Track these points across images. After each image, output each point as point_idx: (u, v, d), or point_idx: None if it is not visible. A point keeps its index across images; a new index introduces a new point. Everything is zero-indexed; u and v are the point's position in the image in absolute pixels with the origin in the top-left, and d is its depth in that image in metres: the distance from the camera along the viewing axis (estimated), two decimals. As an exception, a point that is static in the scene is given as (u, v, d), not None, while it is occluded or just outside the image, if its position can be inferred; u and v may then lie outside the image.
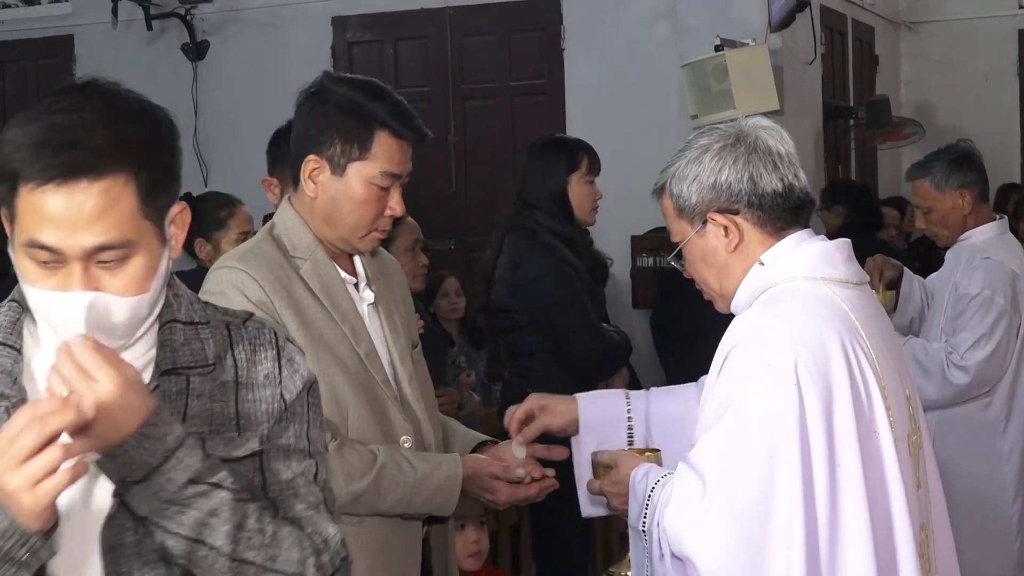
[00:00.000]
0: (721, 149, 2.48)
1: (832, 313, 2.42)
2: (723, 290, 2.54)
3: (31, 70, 9.93)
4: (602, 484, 2.61)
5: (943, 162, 4.59)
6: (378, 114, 2.67)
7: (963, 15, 10.38)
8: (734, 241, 2.48)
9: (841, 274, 2.49)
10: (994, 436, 4.54)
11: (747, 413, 2.31)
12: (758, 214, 2.47)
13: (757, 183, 2.46)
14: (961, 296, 4.50)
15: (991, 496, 4.52)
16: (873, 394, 2.39)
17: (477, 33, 8.77)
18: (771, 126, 2.54)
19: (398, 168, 2.69)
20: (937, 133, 9.21)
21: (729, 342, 2.41)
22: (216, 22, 9.24)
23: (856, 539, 2.31)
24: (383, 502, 2.61)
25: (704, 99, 7.26)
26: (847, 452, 2.32)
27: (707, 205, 2.48)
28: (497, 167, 8.72)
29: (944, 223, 4.62)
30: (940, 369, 4.47)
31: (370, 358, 2.68)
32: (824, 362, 2.34)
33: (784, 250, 2.48)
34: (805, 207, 2.52)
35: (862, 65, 9.68)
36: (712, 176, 2.47)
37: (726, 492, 2.29)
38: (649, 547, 2.42)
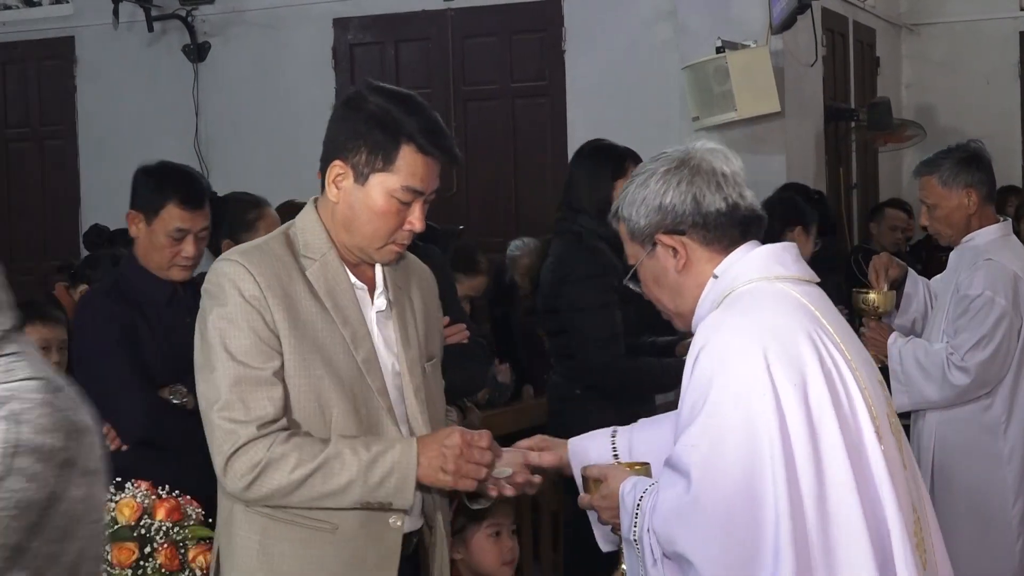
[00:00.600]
0: (665, 172, 2.57)
1: (793, 306, 2.50)
2: (678, 308, 2.62)
3: (32, 71, 9.94)
4: (592, 499, 2.65)
5: (952, 160, 4.59)
6: (407, 127, 2.65)
7: (964, 17, 10.37)
8: (681, 261, 2.56)
9: (793, 272, 2.57)
10: (995, 438, 4.54)
11: (722, 403, 2.37)
12: (703, 233, 2.55)
13: (700, 203, 2.54)
14: (962, 297, 4.50)
15: (992, 498, 4.52)
16: (846, 376, 2.45)
17: (478, 34, 8.77)
18: (717, 148, 2.62)
19: (421, 184, 2.67)
20: (938, 135, 9.20)
21: (697, 344, 2.46)
22: (217, 23, 9.24)
23: (847, 512, 2.35)
24: (331, 483, 2.57)
25: (705, 101, 7.26)
26: (827, 428, 2.38)
27: (654, 227, 2.57)
28: (498, 168, 8.73)
29: (947, 221, 4.62)
30: (941, 370, 4.47)
31: (368, 365, 2.68)
32: (793, 347, 2.41)
33: (734, 260, 2.56)
34: (753, 223, 2.59)
35: (863, 67, 9.67)
36: (657, 199, 2.55)
37: (711, 482, 2.33)
38: (642, 555, 2.46)
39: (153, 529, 2.83)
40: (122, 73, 9.38)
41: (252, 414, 2.57)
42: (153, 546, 2.82)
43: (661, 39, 8.12)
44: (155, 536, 2.83)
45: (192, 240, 3.78)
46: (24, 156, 9.98)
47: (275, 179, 7.32)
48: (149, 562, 2.80)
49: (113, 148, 9.44)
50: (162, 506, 2.85)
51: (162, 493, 2.89)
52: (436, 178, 2.71)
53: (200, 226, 3.81)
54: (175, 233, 3.74)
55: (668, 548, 2.39)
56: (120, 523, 2.82)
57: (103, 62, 9.53)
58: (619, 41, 8.30)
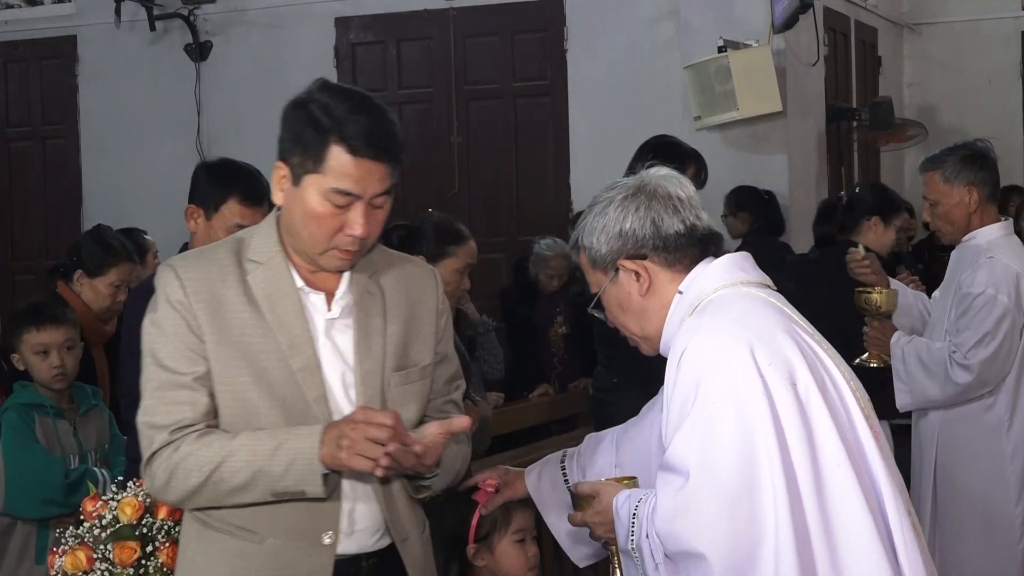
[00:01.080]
0: (623, 199, 2.61)
1: (766, 306, 2.55)
2: (644, 332, 2.66)
3: (34, 70, 9.94)
4: (584, 515, 2.66)
5: (956, 157, 4.60)
6: (339, 127, 2.50)
7: (966, 17, 10.37)
8: (645, 284, 2.60)
9: (753, 277, 2.62)
10: (998, 437, 4.54)
11: (712, 398, 2.39)
12: (664, 255, 2.60)
13: (659, 227, 2.59)
14: (964, 295, 4.50)
15: (995, 497, 4.52)
16: (829, 365, 2.51)
17: (480, 34, 8.77)
18: (671, 174, 2.67)
19: (353, 186, 2.50)
20: (940, 135, 9.20)
21: (678, 349, 2.49)
22: (219, 23, 9.25)
23: (843, 489, 2.38)
24: (238, 477, 2.49)
25: (707, 100, 7.26)
26: (819, 419, 2.42)
27: (616, 253, 2.61)
28: (500, 168, 8.73)
29: (948, 218, 4.62)
30: (943, 368, 4.47)
31: (305, 373, 2.56)
32: (775, 344, 2.46)
33: (696, 274, 2.60)
34: (711, 240, 2.64)
35: (865, 66, 9.67)
36: (617, 225, 2.60)
37: (709, 473, 2.36)
38: (642, 563, 2.48)
39: (155, 528, 2.83)
40: (124, 72, 9.38)
41: (169, 419, 2.51)
42: (155, 545, 2.82)
43: (663, 38, 8.12)
44: (157, 535, 2.83)
45: None
46: (26, 155, 9.99)
47: (277, 178, 7.32)
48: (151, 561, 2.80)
49: (115, 147, 9.45)
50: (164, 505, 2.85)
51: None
52: (377, 181, 2.52)
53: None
54: (234, 229, 3.63)
55: (671, 546, 2.39)
56: (122, 522, 2.83)
57: (105, 61, 9.53)
58: (621, 40, 8.30)
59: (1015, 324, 4.49)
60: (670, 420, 2.47)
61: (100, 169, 9.56)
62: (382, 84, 8.92)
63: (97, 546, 2.80)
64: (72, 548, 2.80)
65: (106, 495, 2.91)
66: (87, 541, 2.82)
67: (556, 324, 7.35)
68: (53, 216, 9.70)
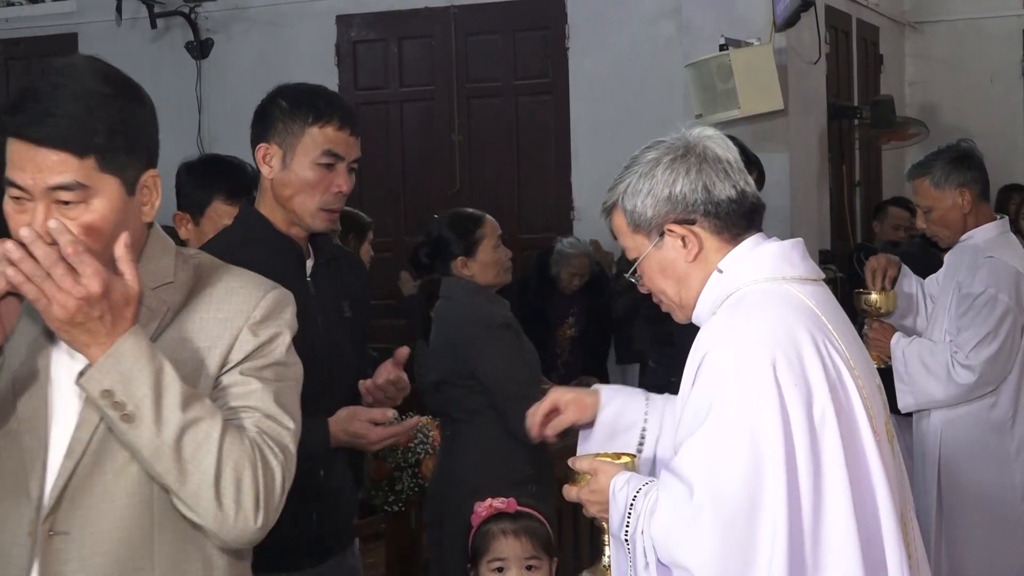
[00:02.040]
0: (672, 161, 2.51)
1: (799, 311, 2.46)
2: (682, 300, 2.57)
3: (35, 68, 9.93)
4: (579, 492, 2.58)
5: (943, 161, 4.60)
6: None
7: (968, 15, 10.36)
8: (693, 251, 2.51)
9: (799, 272, 2.52)
10: (1002, 435, 4.54)
11: (728, 416, 2.33)
12: (715, 222, 2.51)
13: (711, 191, 2.50)
14: (965, 295, 4.50)
15: (1000, 496, 4.52)
16: (848, 386, 2.42)
17: (481, 32, 8.77)
18: (715, 134, 2.58)
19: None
20: (941, 133, 9.19)
21: (701, 348, 2.42)
22: (220, 20, 9.25)
23: (841, 536, 2.33)
24: None
25: (708, 98, 7.26)
26: (830, 449, 2.35)
27: (663, 217, 2.51)
28: (501, 165, 8.73)
29: (944, 222, 4.62)
30: (945, 369, 4.47)
31: None
32: (799, 359, 2.37)
33: (741, 255, 2.51)
34: (758, 211, 2.56)
35: (866, 65, 9.67)
36: (666, 188, 2.50)
37: (712, 496, 2.30)
38: (633, 557, 2.43)
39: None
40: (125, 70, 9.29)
41: None
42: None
43: (665, 36, 8.12)
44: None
45: None
46: (27, 153, 9.99)
47: (278, 176, 7.33)
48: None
49: (116, 145, 9.45)
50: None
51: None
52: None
53: None
54: None
55: (663, 555, 2.36)
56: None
57: (106, 59, 9.49)
58: (622, 38, 8.30)
59: (1016, 323, 4.49)
60: (684, 420, 2.42)
61: (101, 167, 9.56)
62: (383, 82, 8.92)
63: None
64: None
65: None
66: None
67: (566, 325, 7.36)
68: (54, 214, 9.69)
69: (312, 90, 3.13)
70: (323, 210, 3.04)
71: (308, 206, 3.04)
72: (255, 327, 2.17)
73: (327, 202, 3.04)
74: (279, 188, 3.05)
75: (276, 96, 3.10)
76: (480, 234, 4.57)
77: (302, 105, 3.05)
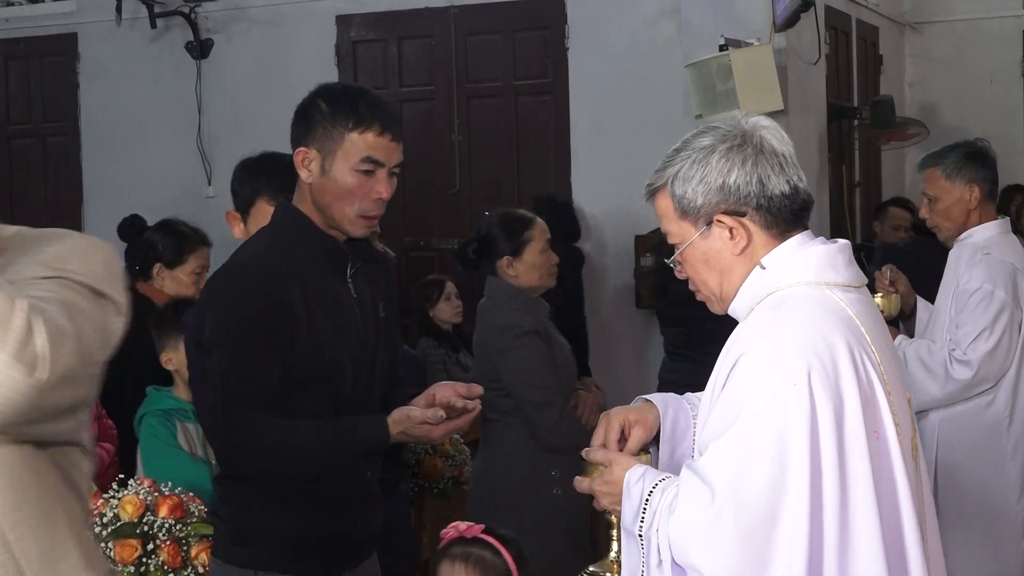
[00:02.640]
0: (728, 150, 2.44)
1: (838, 319, 2.40)
2: (723, 293, 2.51)
3: (35, 67, 9.94)
4: (592, 483, 2.54)
5: (957, 154, 4.60)
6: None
7: (968, 15, 10.36)
8: (741, 243, 2.45)
9: (844, 278, 2.46)
10: (998, 434, 4.54)
11: (757, 422, 2.28)
12: (766, 216, 2.44)
13: (766, 185, 2.43)
14: (962, 292, 4.51)
15: (997, 494, 4.52)
16: (880, 401, 2.38)
17: (481, 32, 8.76)
18: (772, 125, 2.52)
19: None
20: (941, 133, 9.19)
21: (736, 349, 2.37)
22: (220, 20, 9.24)
23: (868, 554, 2.30)
24: None
25: (708, 99, 7.26)
26: (858, 464, 2.31)
27: (714, 207, 2.44)
28: (501, 166, 8.72)
29: (947, 215, 4.62)
30: (943, 366, 4.47)
31: None
32: (834, 369, 2.32)
33: (786, 253, 2.46)
34: (808, 209, 2.51)
35: (866, 65, 9.67)
36: (720, 178, 2.43)
37: (734, 502, 2.26)
38: (646, 553, 2.39)
39: (156, 526, 2.83)
40: (125, 70, 9.38)
41: None
42: (156, 543, 2.81)
43: (664, 37, 8.11)
44: (158, 533, 2.82)
45: None
46: (26, 153, 9.98)
47: (278, 176, 7.32)
48: (152, 559, 2.80)
49: (116, 145, 9.45)
50: (165, 503, 2.84)
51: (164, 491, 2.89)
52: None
53: None
54: None
55: (679, 555, 2.33)
56: (123, 520, 2.82)
57: (106, 59, 9.53)
58: (622, 39, 8.29)
59: (1013, 319, 4.49)
60: (711, 419, 2.37)
61: (101, 167, 9.55)
62: (383, 82, 8.91)
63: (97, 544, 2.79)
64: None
65: None
66: (88, 539, 2.81)
67: None
68: (54, 213, 9.68)
69: (353, 93, 3.07)
70: (362, 216, 2.99)
71: (347, 212, 2.98)
72: None
73: (366, 208, 2.99)
74: (318, 193, 3.01)
75: (316, 98, 3.05)
76: (528, 235, 4.62)
77: (342, 109, 2.99)
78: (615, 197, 7.91)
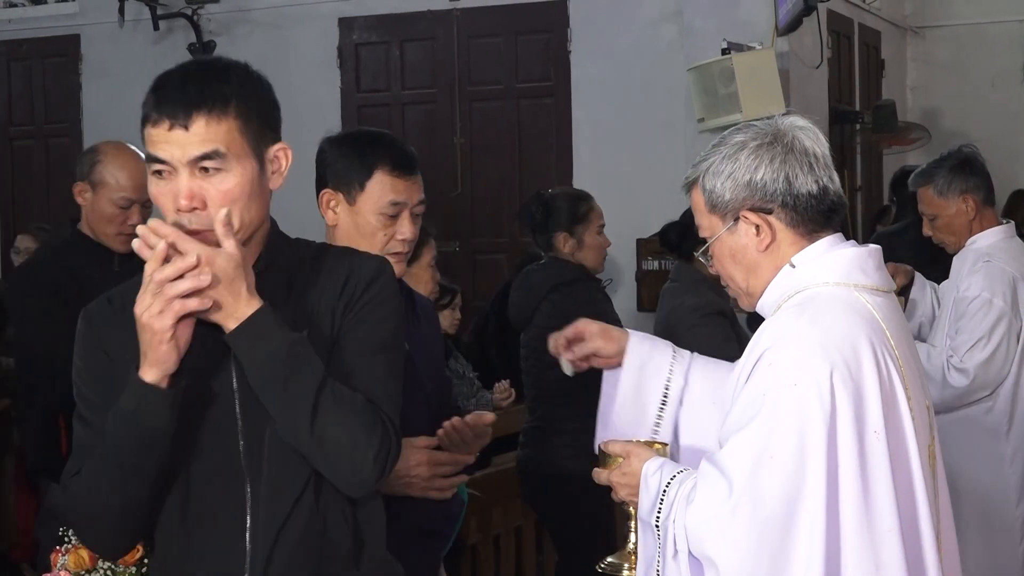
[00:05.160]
0: (758, 147, 2.47)
1: (864, 321, 2.42)
2: (750, 288, 2.53)
3: (37, 69, 9.95)
4: (610, 475, 2.56)
5: (945, 168, 4.61)
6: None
7: (970, 20, 10.37)
8: (765, 240, 2.48)
9: (873, 281, 2.48)
10: (997, 440, 4.54)
11: (778, 418, 2.30)
12: (791, 215, 2.46)
13: (792, 184, 2.45)
14: (961, 299, 4.51)
15: (995, 500, 4.52)
16: (900, 405, 2.39)
17: (483, 35, 8.77)
18: (808, 126, 2.53)
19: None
20: (943, 137, 9.20)
21: (762, 344, 2.39)
22: (223, 22, 9.25)
23: (889, 553, 2.31)
24: None
25: (710, 102, 7.26)
26: (878, 466, 2.32)
27: (740, 203, 2.47)
28: (502, 169, 8.73)
29: (950, 229, 4.63)
30: (941, 372, 4.48)
31: None
32: (857, 371, 2.34)
33: (816, 253, 2.47)
34: (838, 210, 2.51)
35: (868, 69, 9.67)
36: (748, 174, 2.46)
37: (752, 496, 2.28)
38: (662, 544, 2.40)
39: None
40: (127, 71, 9.38)
41: None
42: (157, 544, 2.82)
43: (667, 40, 8.12)
44: (159, 534, 2.83)
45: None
46: (29, 154, 9.99)
47: (280, 178, 7.33)
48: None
49: (118, 146, 9.45)
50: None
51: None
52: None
53: None
54: (388, 209, 3.10)
55: (694, 546, 2.35)
56: (124, 521, 2.83)
57: (108, 60, 9.54)
58: (624, 42, 8.30)
59: (1012, 328, 4.49)
60: (733, 411, 2.39)
61: (103, 168, 9.56)
62: (385, 85, 8.93)
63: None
64: (75, 546, 2.80)
65: None
66: (89, 540, 2.82)
67: None
68: (56, 215, 9.69)
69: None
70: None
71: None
72: None
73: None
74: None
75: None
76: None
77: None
78: (617, 200, 7.91)
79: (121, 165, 4.20)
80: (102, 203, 4.19)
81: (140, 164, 4.05)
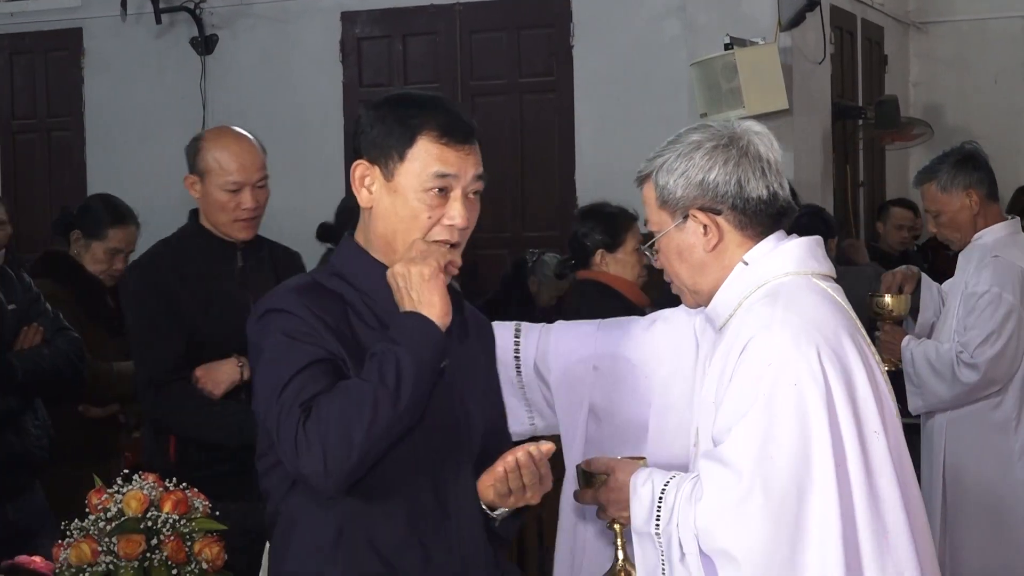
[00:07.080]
0: (713, 148, 2.52)
1: (831, 304, 2.51)
2: (695, 286, 2.59)
3: (39, 63, 9.94)
4: (596, 493, 2.58)
5: (948, 164, 4.62)
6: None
7: (973, 15, 10.35)
8: (712, 241, 2.53)
9: (824, 268, 2.56)
10: (1006, 435, 4.54)
11: (777, 403, 2.36)
12: (740, 217, 2.52)
13: (744, 187, 2.50)
14: (970, 294, 4.51)
15: (1004, 495, 4.53)
16: (878, 376, 2.49)
17: (486, 29, 8.77)
18: (763, 132, 2.59)
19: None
20: (946, 133, 9.19)
21: (744, 334, 2.43)
22: (225, 16, 9.24)
23: (894, 517, 2.39)
24: None
25: (713, 98, 7.26)
26: (874, 436, 2.40)
27: (691, 201, 2.53)
28: (505, 164, 8.72)
29: (954, 225, 4.63)
30: (951, 369, 4.48)
31: None
32: (840, 349, 2.42)
33: (767, 249, 2.53)
34: (786, 215, 2.57)
35: (871, 65, 9.66)
36: (701, 174, 2.51)
37: (763, 480, 2.32)
38: (666, 550, 2.42)
39: (160, 521, 2.83)
40: (130, 65, 9.38)
41: None
42: (160, 538, 2.82)
43: (669, 35, 8.11)
44: (162, 528, 2.83)
45: None
46: (31, 147, 9.99)
47: (281, 171, 7.33)
48: (156, 554, 2.80)
49: (120, 140, 9.45)
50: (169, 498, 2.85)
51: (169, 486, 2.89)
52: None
53: None
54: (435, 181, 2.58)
55: (706, 543, 2.37)
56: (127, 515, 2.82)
57: (111, 54, 9.53)
58: (627, 37, 8.29)
59: (1021, 322, 4.49)
60: (723, 413, 2.42)
61: (105, 162, 9.55)
62: (387, 79, 8.92)
63: (102, 539, 2.79)
64: (77, 541, 2.80)
65: None
66: (92, 534, 2.82)
67: None
68: (58, 208, 9.68)
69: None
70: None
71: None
72: None
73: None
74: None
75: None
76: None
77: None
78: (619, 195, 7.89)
79: (223, 147, 3.91)
80: (212, 191, 3.85)
81: (244, 145, 3.89)
